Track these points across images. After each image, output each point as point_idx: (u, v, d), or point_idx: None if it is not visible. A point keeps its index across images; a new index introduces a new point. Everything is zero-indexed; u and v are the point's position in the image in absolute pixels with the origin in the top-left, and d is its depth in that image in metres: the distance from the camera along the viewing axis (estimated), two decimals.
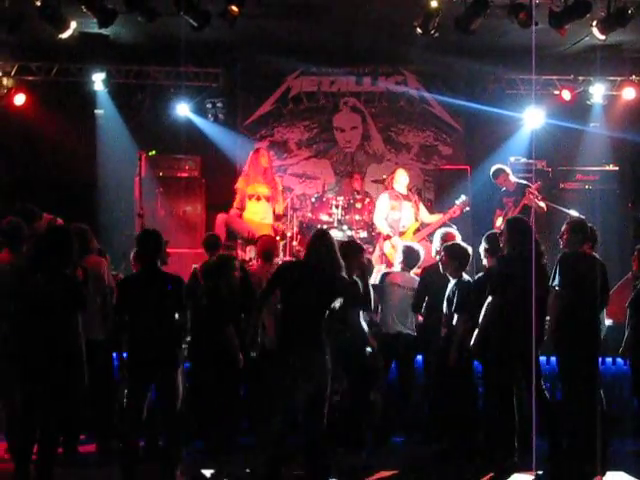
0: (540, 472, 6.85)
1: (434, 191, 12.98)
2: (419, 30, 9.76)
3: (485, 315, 6.95)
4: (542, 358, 7.67)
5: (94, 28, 9.98)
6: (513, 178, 10.88)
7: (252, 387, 7.81)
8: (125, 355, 6.62)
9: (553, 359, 7.90)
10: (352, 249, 7.32)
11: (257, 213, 10.84)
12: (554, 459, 6.94)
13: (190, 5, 9.27)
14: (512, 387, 6.99)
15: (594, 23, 9.56)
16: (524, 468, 6.85)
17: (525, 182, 10.77)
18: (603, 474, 6.98)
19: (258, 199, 10.84)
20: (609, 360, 8.53)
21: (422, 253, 8.32)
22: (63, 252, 6.33)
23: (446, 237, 8.07)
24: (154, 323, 6.32)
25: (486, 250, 7.58)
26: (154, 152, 12.20)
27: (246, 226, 10.76)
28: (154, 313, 6.34)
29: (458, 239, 8.06)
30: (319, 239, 6.36)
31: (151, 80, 12.70)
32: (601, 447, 7.16)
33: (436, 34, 9.73)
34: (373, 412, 7.55)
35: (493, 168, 11.01)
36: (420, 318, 8.11)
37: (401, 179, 10.74)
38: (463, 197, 10.52)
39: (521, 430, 6.93)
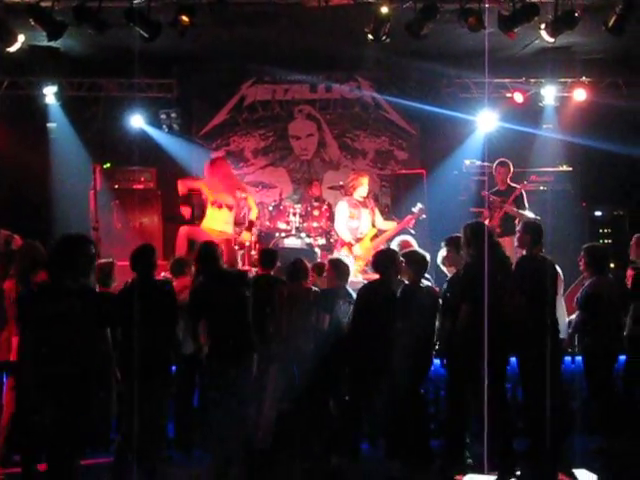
0: (502, 472, 6.87)
1: (391, 196, 13.03)
2: (370, 36, 9.79)
3: (459, 321, 7.00)
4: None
5: (44, 41, 9.87)
6: (508, 180, 10.94)
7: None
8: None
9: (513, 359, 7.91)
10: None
11: (217, 221, 10.71)
12: (518, 459, 7.01)
13: (140, 16, 9.21)
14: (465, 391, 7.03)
15: (543, 26, 9.63)
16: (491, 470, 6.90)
17: (515, 185, 10.85)
18: (566, 472, 7.05)
19: (220, 207, 10.73)
20: (568, 359, 8.59)
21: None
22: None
23: (402, 245, 8.10)
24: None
25: (445, 257, 7.61)
26: (109, 164, 12.17)
27: (208, 237, 10.65)
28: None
29: (415, 246, 8.08)
30: None
31: (104, 92, 12.67)
32: (563, 445, 7.31)
33: (387, 40, 9.76)
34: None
35: (502, 159, 11.02)
36: None
37: (361, 190, 10.73)
38: (419, 205, 10.54)
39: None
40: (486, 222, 10.06)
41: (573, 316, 8.13)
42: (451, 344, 7.12)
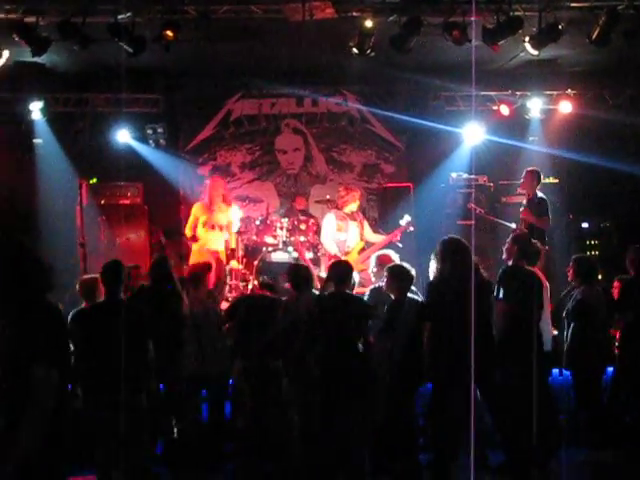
0: None
1: (378, 209, 13.06)
2: (355, 50, 9.82)
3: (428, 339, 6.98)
4: None
5: (29, 57, 9.84)
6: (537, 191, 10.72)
7: None
8: None
9: None
10: None
11: (210, 242, 10.74)
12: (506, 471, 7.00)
13: (125, 31, 9.20)
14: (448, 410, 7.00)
15: (527, 39, 9.68)
16: None
17: (543, 197, 10.54)
18: None
19: (212, 228, 10.74)
20: (556, 371, 8.58)
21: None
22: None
23: (382, 259, 8.05)
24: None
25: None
26: (95, 180, 12.14)
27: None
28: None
29: (396, 260, 8.05)
30: None
31: (90, 107, 12.64)
32: (550, 458, 7.31)
33: (372, 53, 9.79)
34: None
35: (535, 168, 10.78)
36: None
37: (353, 206, 10.74)
38: (407, 217, 10.54)
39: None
40: None
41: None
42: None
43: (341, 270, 7.32)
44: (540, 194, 10.63)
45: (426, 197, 12.00)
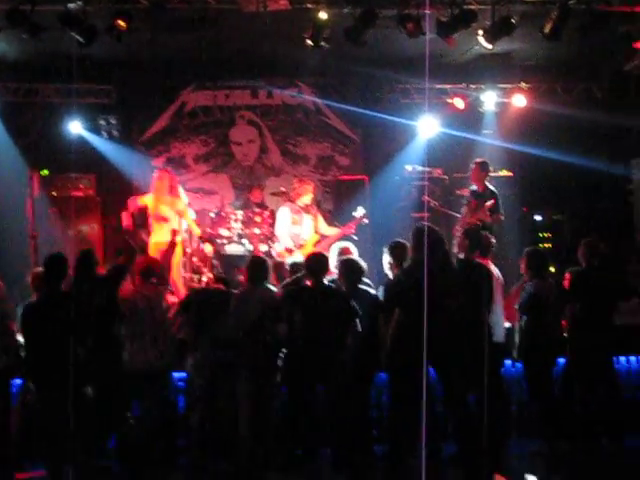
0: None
1: (333, 202, 13.03)
2: (309, 42, 9.78)
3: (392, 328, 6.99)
4: None
5: None
6: (487, 182, 10.80)
7: None
8: None
9: None
10: None
11: (157, 235, 10.63)
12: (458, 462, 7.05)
13: (76, 20, 9.06)
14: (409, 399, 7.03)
15: (480, 32, 9.71)
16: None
17: (493, 190, 10.69)
18: (504, 475, 7.10)
19: (158, 220, 10.63)
20: (508, 363, 8.64)
21: None
22: None
23: (342, 251, 8.09)
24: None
25: (390, 263, 7.61)
26: (46, 172, 11.95)
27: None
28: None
29: (354, 253, 8.07)
30: None
31: (41, 98, 12.42)
32: (501, 449, 7.38)
33: (327, 45, 9.76)
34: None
35: (482, 159, 10.89)
36: None
37: (306, 198, 10.71)
38: (361, 210, 10.53)
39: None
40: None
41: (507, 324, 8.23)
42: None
43: (317, 262, 7.33)
44: (491, 187, 10.72)
45: (381, 189, 12.03)
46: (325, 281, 7.27)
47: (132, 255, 7.75)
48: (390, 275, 7.70)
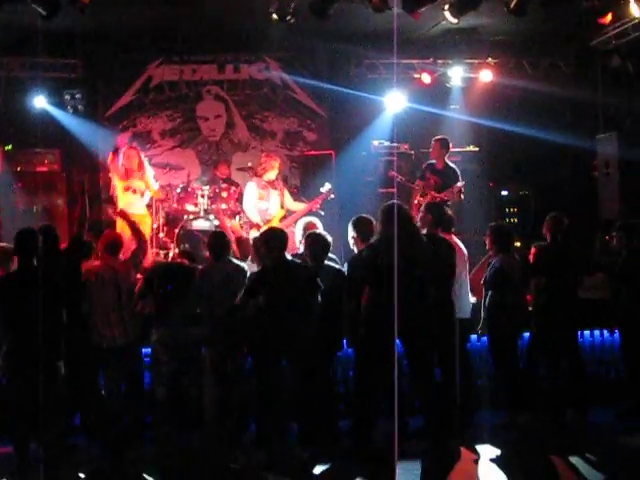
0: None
1: (300, 177, 13.02)
2: (275, 16, 9.72)
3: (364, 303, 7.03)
4: None
5: None
6: (447, 159, 10.85)
7: None
8: None
9: None
10: None
11: (131, 205, 10.54)
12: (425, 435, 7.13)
13: None
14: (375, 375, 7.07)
15: (446, 7, 9.71)
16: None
17: (455, 168, 10.75)
18: (469, 448, 7.20)
19: (134, 192, 10.58)
20: (474, 337, 8.71)
21: None
22: None
23: (307, 226, 8.08)
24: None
25: (354, 237, 7.61)
26: (10, 147, 11.84)
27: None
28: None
29: (320, 228, 8.07)
30: None
31: (5, 72, 12.23)
32: (467, 421, 7.46)
33: (292, 20, 9.70)
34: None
35: (443, 136, 10.96)
36: None
37: (271, 174, 10.67)
38: (327, 185, 10.53)
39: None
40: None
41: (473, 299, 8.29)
42: (356, 325, 7.15)
43: (275, 237, 7.32)
44: (451, 164, 10.78)
45: (348, 165, 12.01)
46: (288, 256, 7.25)
47: (140, 239, 7.81)
48: (355, 250, 7.72)
